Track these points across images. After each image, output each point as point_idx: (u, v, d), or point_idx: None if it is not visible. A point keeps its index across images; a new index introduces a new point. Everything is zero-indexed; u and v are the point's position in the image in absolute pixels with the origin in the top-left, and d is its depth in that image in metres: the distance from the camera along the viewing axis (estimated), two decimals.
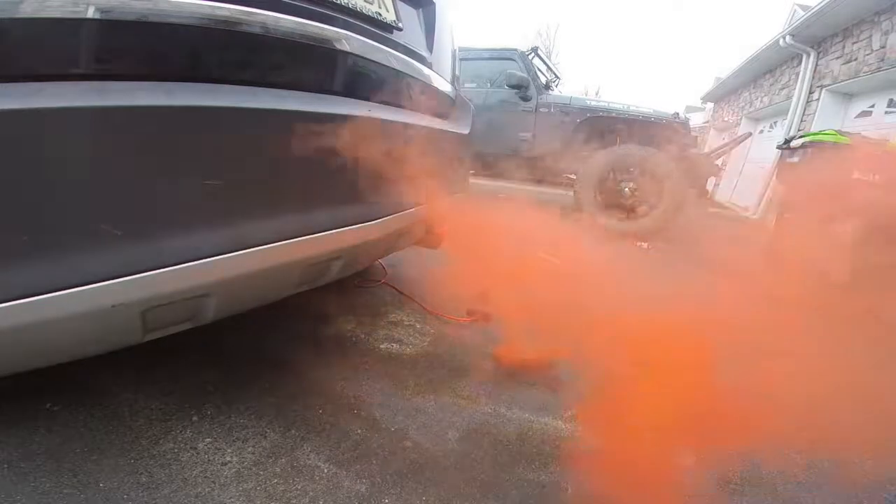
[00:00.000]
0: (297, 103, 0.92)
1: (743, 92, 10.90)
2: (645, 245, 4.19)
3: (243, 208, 0.82)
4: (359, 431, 1.21)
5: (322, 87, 1.01)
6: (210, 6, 0.76)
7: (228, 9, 0.78)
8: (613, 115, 4.72)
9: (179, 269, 0.71)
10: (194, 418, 1.17)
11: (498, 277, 1.79)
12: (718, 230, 6.19)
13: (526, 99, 4.95)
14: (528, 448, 1.24)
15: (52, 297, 0.60)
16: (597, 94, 27.91)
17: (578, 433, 1.33)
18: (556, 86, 5.83)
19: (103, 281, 0.64)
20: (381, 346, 1.72)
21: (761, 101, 9.44)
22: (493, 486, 1.08)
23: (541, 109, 4.93)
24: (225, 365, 1.43)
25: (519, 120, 5.01)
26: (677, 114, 4.74)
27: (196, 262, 0.74)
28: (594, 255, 2.94)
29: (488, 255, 1.78)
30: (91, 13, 0.61)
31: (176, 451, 1.06)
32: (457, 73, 1.89)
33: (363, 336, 1.78)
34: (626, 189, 4.49)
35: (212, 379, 1.35)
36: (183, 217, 0.73)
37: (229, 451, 1.08)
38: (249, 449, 1.09)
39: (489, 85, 5.23)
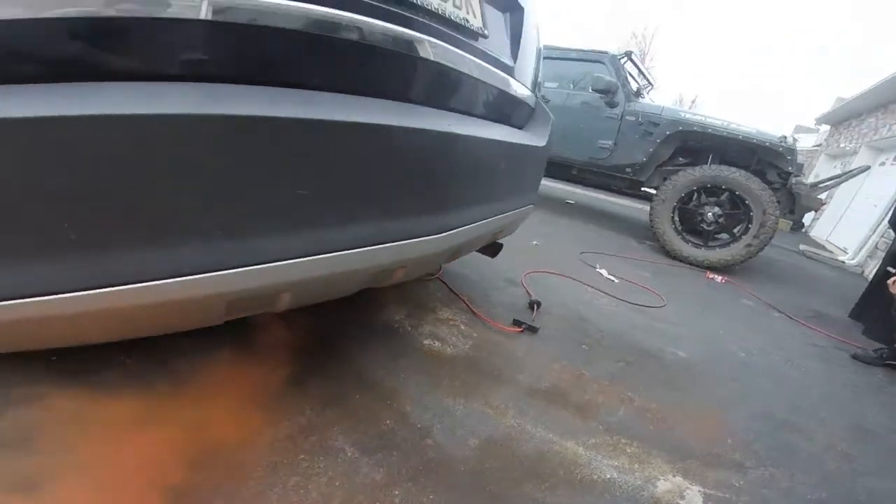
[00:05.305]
0: (383, 115, 0.94)
1: (868, 117, 9.76)
2: (718, 279, 3.94)
3: (321, 217, 0.88)
4: (387, 422, 1.30)
5: (404, 97, 1.03)
6: (309, 8, 0.78)
7: (325, 12, 0.80)
8: (709, 131, 4.35)
9: (264, 268, 0.79)
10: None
11: None
12: (804, 273, 5.63)
13: (612, 105, 4.74)
14: (542, 468, 1.27)
15: (170, 282, 0.69)
16: (693, 103, 26.11)
17: (593, 460, 1.35)
18: (649, 92, 5.53)
19: (204, 273, 0.72)
20: (425, 342, 1.80)
21: (889, 130, 8.41)
22: (499, 499, 1.13)
23: (627, 117, 4.68)
24: (277, 340, 1.57)
25: (601, 126, 4.82)
26: (784, 137, 4.27)
27: (279, 264, 0.81)
28: None
29: None
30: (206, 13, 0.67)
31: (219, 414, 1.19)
32: (539, 79, 1.83)
33: (410, 329, 1.87)
34: (710, 214, 4.18)
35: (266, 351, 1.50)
36: (271, 222, 0.80)
37: (269, 420, 1.20)
38: (285, 423, 1.21)
39: (572, 86, 5.07)
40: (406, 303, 2.06)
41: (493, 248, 2.06)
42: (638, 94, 4.94)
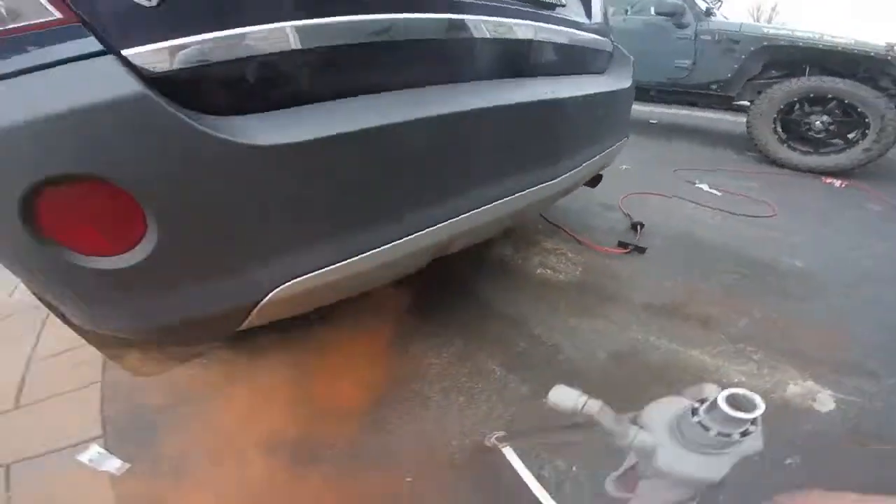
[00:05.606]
0: (510, 94, 1.11)
1: None
2: (837, 183, 3.61)
3: (490, 178, 1.09)
4: (521, 344, 1.45)
5: (496, 73, 1.17)
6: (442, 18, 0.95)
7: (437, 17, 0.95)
8: (799, 44, 3.98)
9: (456, 220, 1.01)
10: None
11: None
12: None
13: (681, 26, 4.46)
14: (669, 374, 1.36)
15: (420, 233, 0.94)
16: (773, 10, 22.47)
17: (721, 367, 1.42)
18: (719, 8, 5.05)
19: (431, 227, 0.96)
20: (537, 272, 1.91)
21: None
22: (630, 399, 1.26)
23: (702, 37, 4.42)
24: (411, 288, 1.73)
25: (673, 47, 4.56)
26: (892, 46, 3.74)
27: (457, 218, 1.02)
28: None
29: None
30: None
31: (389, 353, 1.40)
32: (610, 24, 1.92)
33: (520, 261, 1.99)
34: (818, 122, 3.84)
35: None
36: (455, 189, 1.02)
37: (430, 353, 1.40)
38: (444, 354, 1.40)
39: (627, 11, 4.78)
40: (509, 239, 2.17)
41: (594, 179, 2.08)
42: (708, 13, 4.59)
